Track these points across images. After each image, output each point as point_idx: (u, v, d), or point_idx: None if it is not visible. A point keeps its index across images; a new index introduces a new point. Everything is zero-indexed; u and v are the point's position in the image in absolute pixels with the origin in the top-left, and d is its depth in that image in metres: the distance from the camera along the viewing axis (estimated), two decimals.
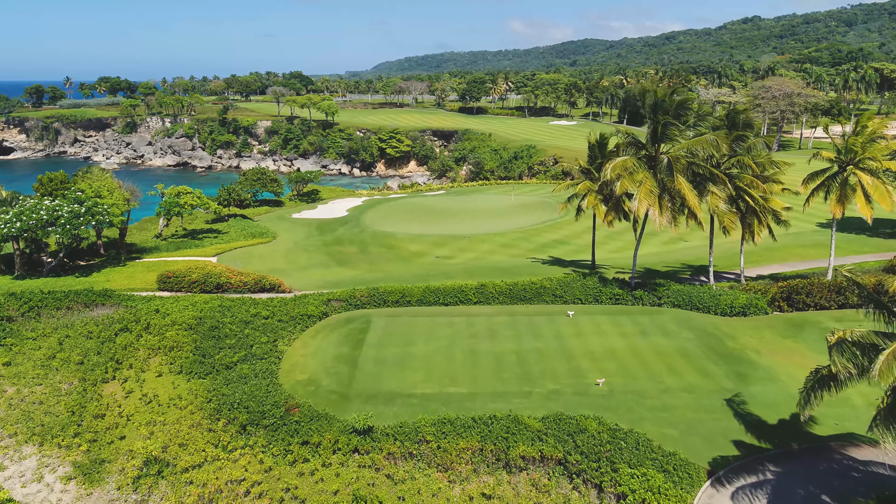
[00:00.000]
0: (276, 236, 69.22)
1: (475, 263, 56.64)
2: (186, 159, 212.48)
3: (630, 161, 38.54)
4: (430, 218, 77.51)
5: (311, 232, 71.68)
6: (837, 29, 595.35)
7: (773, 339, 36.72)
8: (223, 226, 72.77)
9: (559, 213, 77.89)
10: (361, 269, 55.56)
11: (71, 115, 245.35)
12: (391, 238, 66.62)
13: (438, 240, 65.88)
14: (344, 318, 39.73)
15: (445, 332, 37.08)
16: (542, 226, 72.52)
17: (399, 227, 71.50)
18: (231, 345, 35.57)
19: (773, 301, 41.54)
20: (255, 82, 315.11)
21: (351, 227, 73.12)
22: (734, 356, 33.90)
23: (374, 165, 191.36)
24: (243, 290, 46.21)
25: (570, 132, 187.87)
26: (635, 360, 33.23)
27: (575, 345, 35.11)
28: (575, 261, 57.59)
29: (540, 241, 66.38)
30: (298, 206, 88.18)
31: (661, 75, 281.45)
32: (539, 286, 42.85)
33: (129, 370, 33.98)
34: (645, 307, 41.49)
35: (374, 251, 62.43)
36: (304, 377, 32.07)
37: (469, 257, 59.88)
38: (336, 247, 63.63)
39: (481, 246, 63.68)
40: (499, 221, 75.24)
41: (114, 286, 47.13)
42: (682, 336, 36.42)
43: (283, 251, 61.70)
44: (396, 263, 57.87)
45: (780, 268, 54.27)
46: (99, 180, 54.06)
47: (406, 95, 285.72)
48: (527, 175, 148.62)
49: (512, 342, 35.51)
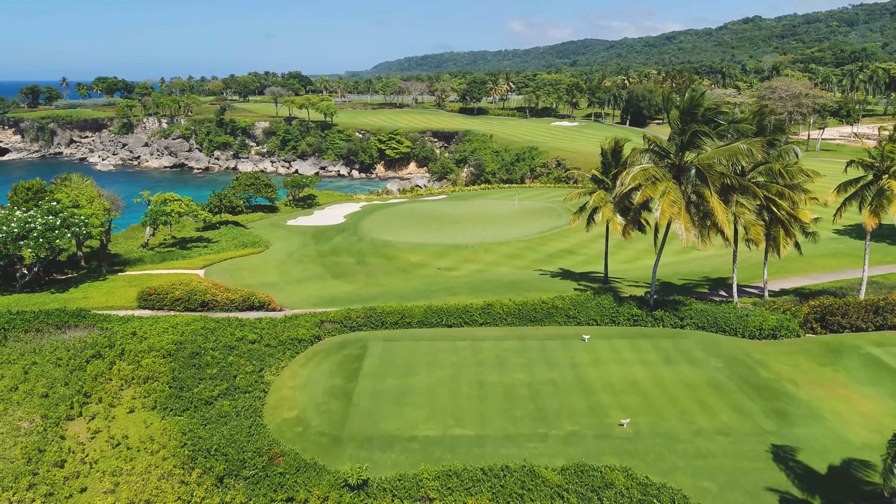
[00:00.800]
0: (270, 245, 65.80)
1: (479, 276, 53.24)
2: (183, 161, 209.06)
3: (654, 170, 35.14)
4: (430, 225, 74.09)
5: (306, 241, 68.27)
6: (839, 29, 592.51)
7: (810, 367, 33.33)
8: (214, 234, 69.37)
9: (566, 221, 74.63)
10: (358, 283, 52.17)
11: (67, 116, 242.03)
12: (390, 248, 63.22)
13: (440, 250, 62.47)
14: (338, 342, 36.31)
15: (449, 359, 33.67)
16: (549, 234, 69.10)
17: (398, 236, 68.11)
18: (212, 375, 32.14)
19: (806, 322, 38.15)
20: (254, 82, 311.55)
21: (348, 235, 69.70)
22: (770, 388, 30.50)
23: (373, 167, 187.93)
24: (230, 308, 42.82)
25: (572, 133, 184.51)
26: (661, 393, 29.83)
27: (593, 375, 31.70)
28: (585, 273, 54.18)
29: (547, 250, 62.97)
30: (294, 212, 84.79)
31: (663, 76, 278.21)
32: (550, 305, 39.43)
33: (99, 404, 30.55)
34: (666, 329, 38.09)
35: (373, 262, 59.03)
36: (292, 415, 28.64)
37: (472, 269, 56.47)
38: (332, 257, 60.22)
39: (485, 257, 60.27)
40: (503, 229, 71.82)
41: (91, 303, 43.75)
42: (710, 364, 33.01)
43: (276, 262, 58.30)
44: (396, 276, 54.47)
45: (802, 280, 50.96)
46: (78, 188, 50.67)
47: (406, 96, 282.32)
48: (529, 178, 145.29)
49: (523, 372, 32.10)
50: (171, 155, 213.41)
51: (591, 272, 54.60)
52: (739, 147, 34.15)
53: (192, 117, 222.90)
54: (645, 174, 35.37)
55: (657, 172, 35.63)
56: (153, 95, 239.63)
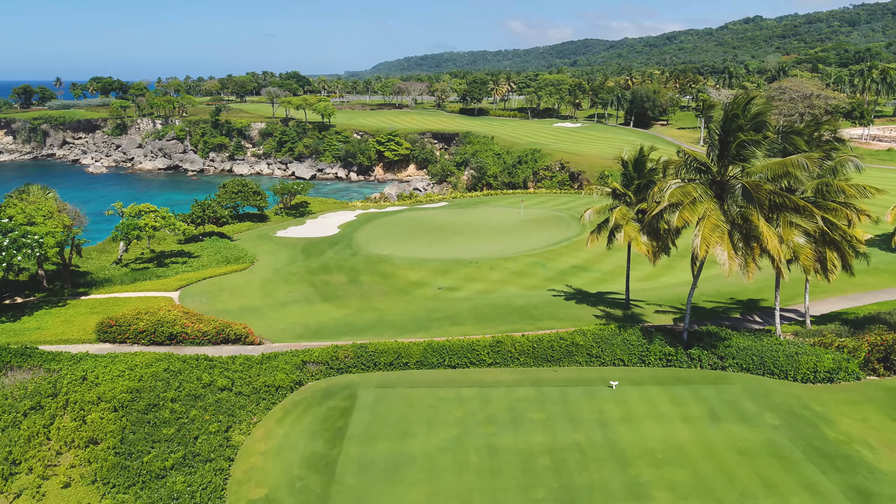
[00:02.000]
0: (255, 261, 60.36)
1: (485, 299, 47.86)
2: (177, 162, 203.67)
3: (694, 188, 29.78)
4: (430, 237, 68.72)
5: (295, 255, 62.87)
6: (841, 29, 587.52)
7: (882, 422, 27.97)
8: (196, 247, 64.00)
9: (575, 232, 69.23)
10: (350, 307, 46.78)
11: (60, 117, 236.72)
12: (386, 263, 57.85)
13: (441, 265, 57.08)
14: (322, 389, 30.93)
15: (454, 413, 28.31)
16: (558, 247, 63.74)
17: (396, 250, 62.72)
18: (169, 436, 26.77)
19: (867, 363, 32.84)
20: (251, 82, 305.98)
21: (341, 248, 64.28)
22: (843, 456, 25.14)
23: (371, 169, 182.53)
24: (202, 341, 37.48)
25: (575, 135, 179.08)
26: (713, 465, 24.46)
27: (626, 437, 26.35)
28: (602, 294, 48.84)
29: (557, 266, 57.61)
30: (284, 222, 79.34)
31: (667, 76, 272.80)
32: (569, 343, 34.05)
33: (29, 475, 25.22)
34: (705, 371, 32.75)
35: (367, 280, 53.64)
36: (261, 494, 23.28)
37: (477, 289, 51.08)
38: (322, 275, 54.83)
39: (490, 274, 54.89)
40: (508, 241, 66.46)
41: (44, 336, 38.41)
42: (765, 421, 27.65)
43: (261, 282, 52.93)
44: (392, 298, 49.09)
45: (842, 302, 45.84)
46: (36, 202, 45.34)
47: (405, 96, 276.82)
48: (532, 181, 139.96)
49: (542, 432, 26.73)
50: (165, 157, 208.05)
51: (607, 293, 49.26)
52: (797, 160, 28.81)
53: (187, 118, 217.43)
54: (683, 192, 30.02)
55: (696, 191, 30.29)
56: (147, 96, 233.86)
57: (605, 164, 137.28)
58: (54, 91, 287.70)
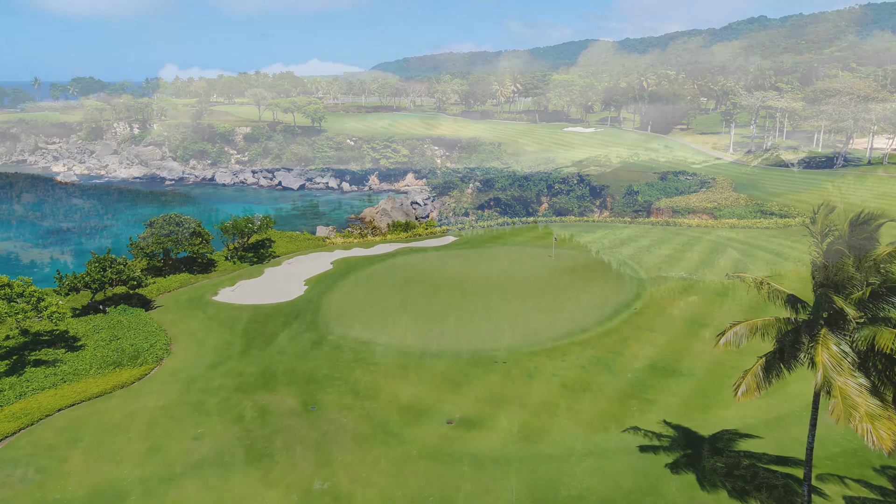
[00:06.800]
0: (167, 355, 42.08)
1: (530, 455, 29.71)
2: (155, 170, 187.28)
3: None
4: (432, 299, 50.65)
5: (231, 342, 44.29)
6: (848, 29, 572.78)
7: None
8: (89, 326, 45.64)
9: (631, 292, 51.33)
10: (294, 484, 28.09)
11: (32, 120, 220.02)
12: (365, 362, 39.83)
13: (450, 367, 38.95)
14: None
15: None
16: (618, 322, 45.25)
17: (382, 330, 44.77)
18: None
19: None
20: (241, 83, 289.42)
21: (301, 328, 45.92)
22: None
23: (366, 179, 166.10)
24: None
25: (590, 141, 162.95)
26: None
27: None
28: (726, 437, 30.59)
29: (627, 363, 39.02)
30: (235, 271, 60.27)
31: (683, 76, 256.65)
32: None
33: None
34: None
35: (331, 405, 34.84)
36: None
37: (513, 427, 32.38)
38: (261, 394, 36.16)
39: (530, 388, 36.33)
40: (543, 309, 47.68)
41: None
42: None
43: (156, 411, 34.41)
44: (370, 455, 30.21)
45: None
46: None
47: (404, 98, 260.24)
48: (545, 196, 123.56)
49: None
50: (141, 164, 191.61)
51: (734, 436, 30.67)
52: None
53: (167, 122, 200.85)
54: None
55: None
56: (122, 97, 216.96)
57: (631, 176, 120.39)
58: (30, 92, 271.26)
